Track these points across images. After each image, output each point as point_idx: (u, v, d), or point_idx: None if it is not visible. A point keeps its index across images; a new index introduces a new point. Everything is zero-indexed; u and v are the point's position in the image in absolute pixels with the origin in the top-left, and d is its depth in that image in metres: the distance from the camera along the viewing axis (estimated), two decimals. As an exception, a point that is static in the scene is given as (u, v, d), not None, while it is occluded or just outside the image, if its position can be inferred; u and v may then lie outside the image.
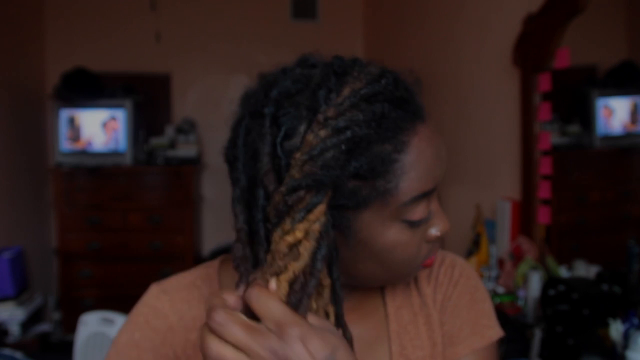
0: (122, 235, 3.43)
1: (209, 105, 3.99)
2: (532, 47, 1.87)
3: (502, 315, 1.58)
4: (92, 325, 2.11)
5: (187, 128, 3.66)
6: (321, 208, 0.48)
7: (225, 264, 0.69)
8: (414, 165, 0.53)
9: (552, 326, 1.41)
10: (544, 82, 1.82)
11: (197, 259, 3.58)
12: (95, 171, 3.38)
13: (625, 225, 1.77)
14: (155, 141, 3.60)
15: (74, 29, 3.75)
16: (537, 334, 1.44)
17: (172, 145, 3.60)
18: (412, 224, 0.55)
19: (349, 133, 0.48)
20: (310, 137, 0.48)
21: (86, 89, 3.32)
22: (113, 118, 3.40)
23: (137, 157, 3.49)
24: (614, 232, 1.80)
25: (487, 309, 0.71)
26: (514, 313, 1.63)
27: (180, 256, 3.46)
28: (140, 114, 3.53)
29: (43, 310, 3.19)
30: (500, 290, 1.80)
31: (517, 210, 1.95)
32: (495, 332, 0.70)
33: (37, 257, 3.37)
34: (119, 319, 2.13)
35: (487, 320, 0.70)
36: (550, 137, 1.83)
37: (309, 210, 0.48)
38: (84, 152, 3.39)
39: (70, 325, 3.12)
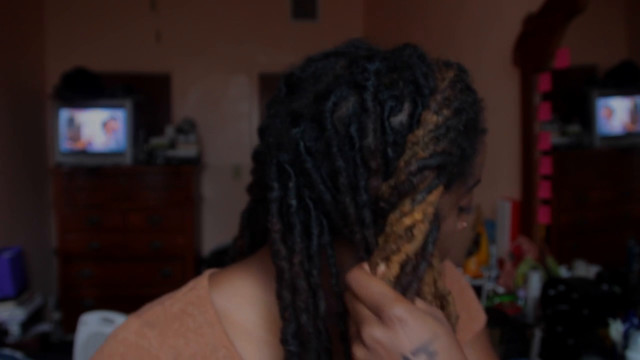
0: (122, 235, 3.43)
1: (209, 105, 4.00)
2: (532, 47, 1.87)
3: (502, 315, 1.58)
4: (92, 325, 2.11)
5: (187, 128, 3.66)
6: (440, 189, 0.48)
7: (215, 283, 0.58)
8: (481, 151, 0.54)
9: (552, 326, 1.41)
10: (544, 82, 1.82)
11: (197, 259, 3.58)
12: (95, 171, 3.38)
13: (625, 225, 1.77)
14: (155, 141, 3.60)
15: (74, 29, 3.76)
16: (537, 334, 1.44)
17: (172, 145, 3.60)
18: (462, 211, 0.56)
19: (464, 115, 0.48)
20: (430, 115, 0.47)
21: (86, 89, 3.33)
22: (113, 118, 3.40)
23: (137, 157, 3.49)
24: (614, 232, 1.80)
25: (473, 294, 0.75)
26: (514, 313, 1.63)
27: (180, 256, 3.46)
28: (140, 114, 3.53)
29: (43, 310, 3.18)
30: (500, 290, 1.80)
31: (517, 210, 1.95)
32: (484, 314, 0.74)
33: (37, 257, 3.37)
34: (119, 319, 2.13)
35: (476, 304, 0.74)
36: (550, 137, 1.83)
37: (430, 191, 0.47)
38: (84, 152, 3.39)
39: (70, 325, 3.12)
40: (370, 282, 0.45)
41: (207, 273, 0.60)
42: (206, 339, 0.54)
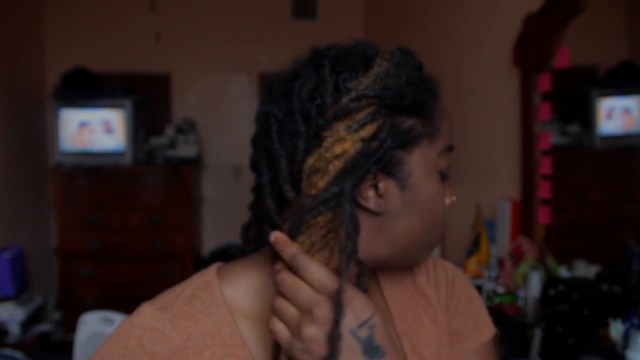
0: (122, 235, 3.43)
1: (209, 105, 4.00)
2: (532, 47, 1.87)
3: (502, 315, 1.58)
4: (92, 325, 2.11)
5: (187, 128, 3.66)
6: (373, 127, 0.53)
7: (222, 273, 0.63)
8: (444, 117, 0.60)
9: (552, 326, 1.41)
10: (544, 82, 1.82)
11: (197, 259, 3.58)
12: (95, 171, 3.38)
13: (625, 225, 1.77)
14: (155, 141, 3.60)
15: (74, 29, 3.75)
16: (537, 334, 1.44)
17: (172, 145, 3.60)
18: (443, 177, 0.61)
19: (404, 70, 0.55)
20: (374, 69, 0.55)
21: (86, 89, 3.32)
22: (113, 118, 3.40)
23: (137, 157, 3.49)
24: (614, 232, 1.80)
25: (482, 305, 0.76)
26: (514, 313, 1.63)
27: (180, 256, 3.46)
28: (140, 114, 3.52)
29: (43, 310, 3.18)
30: (500, 290, 1.80)
31: (517, 210, 1.95)
32: (492, 326, 0.75)
33: (37, 257, 3.37)
34: (118, 319, 2.13)
35: (485, 316, 0.75)
36: (550, 137, 1.83)
37: (365, 123, 0.53)
38: (84, 152, 3.39)
39: (70, 325, 3.11)
40: (297, 285, 0.51)
41: (215, 265, 0.65)
42: (213, 318, 0.59)
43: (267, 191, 0.57)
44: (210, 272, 0.63)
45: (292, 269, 0.52)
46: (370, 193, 0.56)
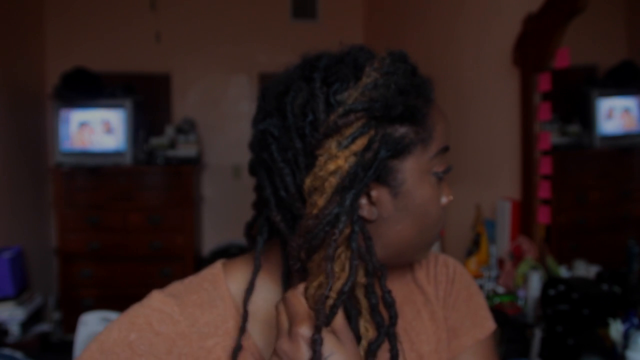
0: (122, 235, 3.43)
1: (209, 105, 4.00)
2: (532, 47, 1.87)
3: (502, 315, 1.58)
4: (92, 325, 2.11)
5: (187, 128, 3.66)
6: (364, 140, 0.53)
7: (227, 268, 0.66)
8: (438, 121, 0.60)
9: (552, 326, 1.41)
10: (544, 82, 1.82)
11: (197, 259, 3.58)
12: (95, 171, 3.38)
13: (625, 225, 1.77)
14: (155, 141, 3.60)
15: (74, 29, 3.75)
16: (537, 334, 1.44)
17: (172, 145, 3.60)
18: (439, 177, 0.61)
19: (394, 78, 0.55)
20: (363, 79, 0.55)
21: (86, 89, 3.32)
22: (113, 118, 3.40)
23: (137, 157, 3.49)
24: (614, 232, 1.80)
25: (482, 301, 0.76)
26: (514, 313, 1.63)
27: (180, 256, 3.46)
28: (140, 114, 3.53)
29: (43, 310, 3.18)
30: (500, 290, 1.80)
31: (517, 210, 1.95)
32: (492, 323, 0.75)
33: (37, 257, 3.37)
34: (119, 319, 2.12)
35: (484, 312, 0.75)
36: (550, 137, 1.83)
37: (355, 138, 0.53)
38: (84, 152, 3.39)
39: (70, 325, 3.12)
40: (296, 302, 0.52)
41: (220, 261, 0.67)
42: (218, 310, 0.62)
43: (272, 204, 0.58)
44: (217, 266, 0.66)
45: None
46: (363, 201, 0.57)
